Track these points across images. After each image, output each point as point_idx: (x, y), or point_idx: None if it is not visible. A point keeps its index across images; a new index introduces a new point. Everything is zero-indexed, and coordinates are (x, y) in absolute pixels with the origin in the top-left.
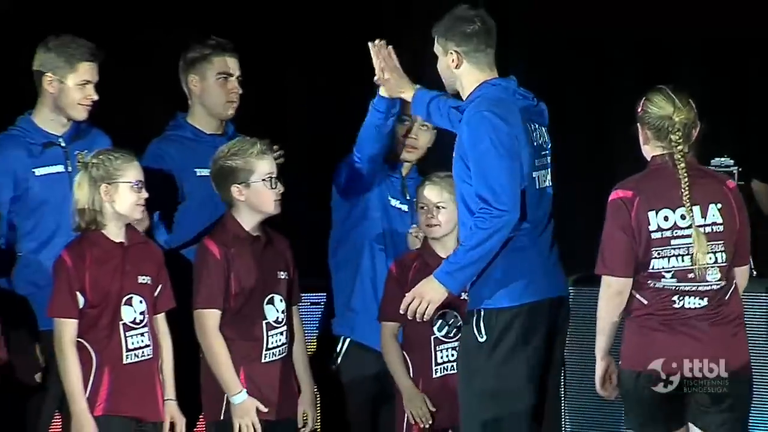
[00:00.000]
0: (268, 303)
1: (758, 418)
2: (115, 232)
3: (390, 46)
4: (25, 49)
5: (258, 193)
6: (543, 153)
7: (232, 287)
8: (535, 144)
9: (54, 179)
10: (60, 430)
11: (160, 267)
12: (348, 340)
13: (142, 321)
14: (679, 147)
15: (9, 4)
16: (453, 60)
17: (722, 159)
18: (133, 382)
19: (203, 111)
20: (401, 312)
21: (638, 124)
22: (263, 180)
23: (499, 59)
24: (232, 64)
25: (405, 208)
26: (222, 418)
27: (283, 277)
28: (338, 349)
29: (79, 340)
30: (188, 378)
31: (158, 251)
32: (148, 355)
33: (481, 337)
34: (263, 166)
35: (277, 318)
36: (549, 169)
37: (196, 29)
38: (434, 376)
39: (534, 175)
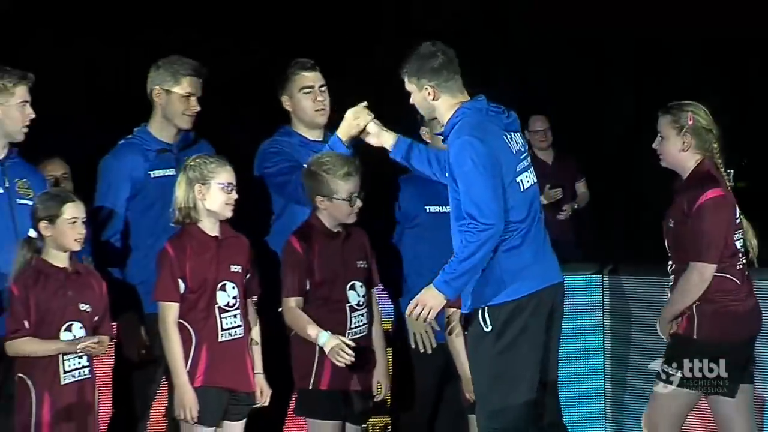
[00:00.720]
0: (350, 289)
1: None
2: (209, 227)
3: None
4: (25, 48)
5: (337, 207)
6: (522, 156)
7: (315, 276)
8: (513, 151)
9: (166, 181)
10: (166, 400)
11: (249, 258)
12: None
13: (234, 304)
14: (718, 154)
15: (9, 3)
16: (429, 94)
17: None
18: (227, 358)
19: (301, 123)
20: (407, 315)
21: (678, 133)
22: (344, 199)
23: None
24: (313, 77)
25: None
26: (311, 387)
27: (362, 265)
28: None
29: (180, 321)
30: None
31: (247, 244)
32: (240, 334)
33: (487, 328)
34: (347, 186)
35: (359, 302)
36: (531, 169)
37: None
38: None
39: (518, 180)
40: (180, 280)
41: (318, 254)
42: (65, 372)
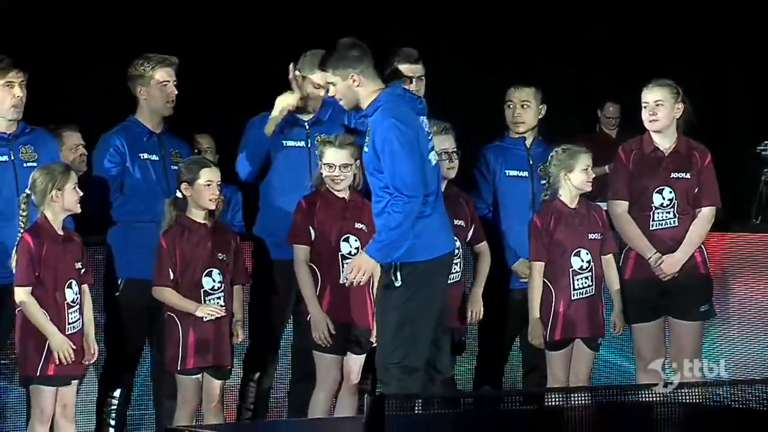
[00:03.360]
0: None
1: None
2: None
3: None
4: (24, 47)
5: None
6: (430, 138)
7: None
8: (425, 132)
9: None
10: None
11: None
12: None
13: (356, 254)
14: None
15: (8, 2)
16: (354, 80)
17: None
18: (348, 297)
19: None
20: (342, 282)
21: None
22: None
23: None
24: (412, 69)
25: None
26: None
27: (458, 223)
28: None
29: (311, 264)
30: None
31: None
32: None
33: (397, 282)
34: (441, 143)
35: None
36: (434, 149)
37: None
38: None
39: (429, 157)
40: (311, 228)
41: None
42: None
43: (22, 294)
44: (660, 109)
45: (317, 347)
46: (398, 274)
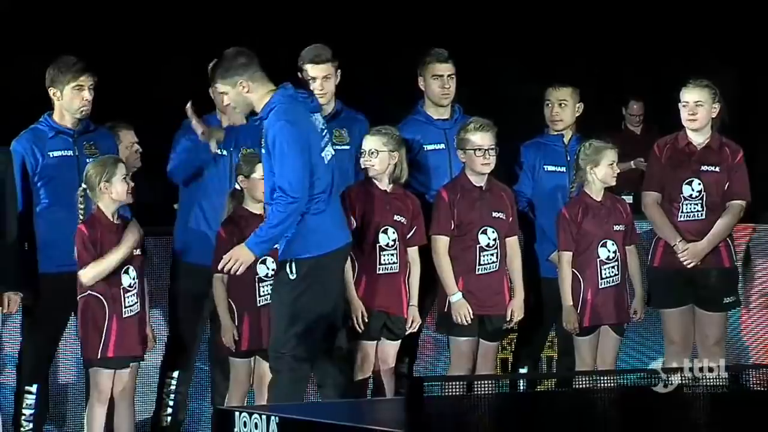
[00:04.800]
0: (482, 233)
1: None
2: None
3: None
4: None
5: (472, 159)
6: (324, 134)
7: (454, 220)
8: (318, 130)
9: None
10: None
11: (415, 212)
12: None
13: (393, 245)
14: None
15: (8, 4)
16: (243, 87)
17: None
18: (383, 286)
19: (429, 102)
20: (219, 268)
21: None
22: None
23: None
24: (442, 68)
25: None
26: (446, 310)
27: (497, 216)
28: None
29: (351, 253)
30: None
31: (414, 200)
32: (396, 269)
33: (292, 276)
34: (480, 139)
35: (488, 243)
36: (330, 144)
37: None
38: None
39: (322, 155)
40: (353, 218)
41: (456, 202)
42: (260, 296)
43: (83, 277)
44: (700, 109)
45: (356, 333)
46: (293, 268)
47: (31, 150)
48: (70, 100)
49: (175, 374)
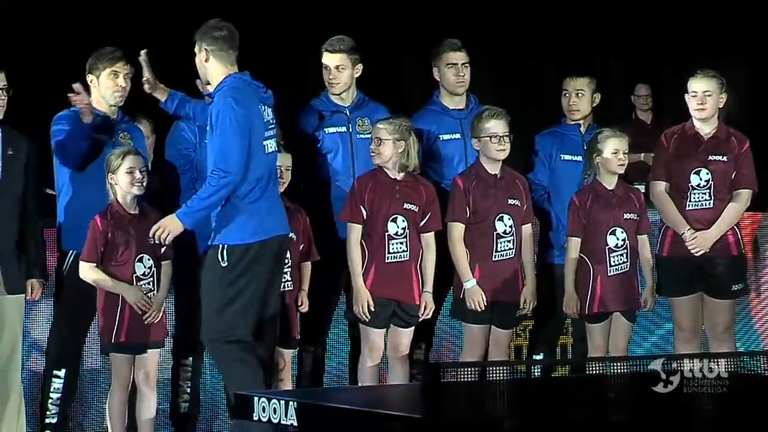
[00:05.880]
0: (498, 220)
1: None
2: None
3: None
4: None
5: (487, 146)
6: (270, 126)
7: (470, 207)
8: (264, 120)
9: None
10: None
11: (429, 200)
12: None
13: (403, 233)
14: None
15: (9, 3)
16: (203, 55)
17: None
18: (393, 274)
19: (445, 91)
20: (148, 238)
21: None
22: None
23: None
24: (455, 56)
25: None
26: (460, 296)
27: (512, 203)
28: None
29: (362, 242)
30: None
31: (428, 186)
32: (405, 257)
33: (223, 263)
34: (495, 126)
35: (505, 230)
36: (275, 138)
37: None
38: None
39: (264, 143)
40: (362, 207)
41: (471, 190)
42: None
43: (83, 269)
44: (708, 99)
45: (363, 321)
46: (224, 254)
47: None
48: (105, 86)
49: (189, 360)
